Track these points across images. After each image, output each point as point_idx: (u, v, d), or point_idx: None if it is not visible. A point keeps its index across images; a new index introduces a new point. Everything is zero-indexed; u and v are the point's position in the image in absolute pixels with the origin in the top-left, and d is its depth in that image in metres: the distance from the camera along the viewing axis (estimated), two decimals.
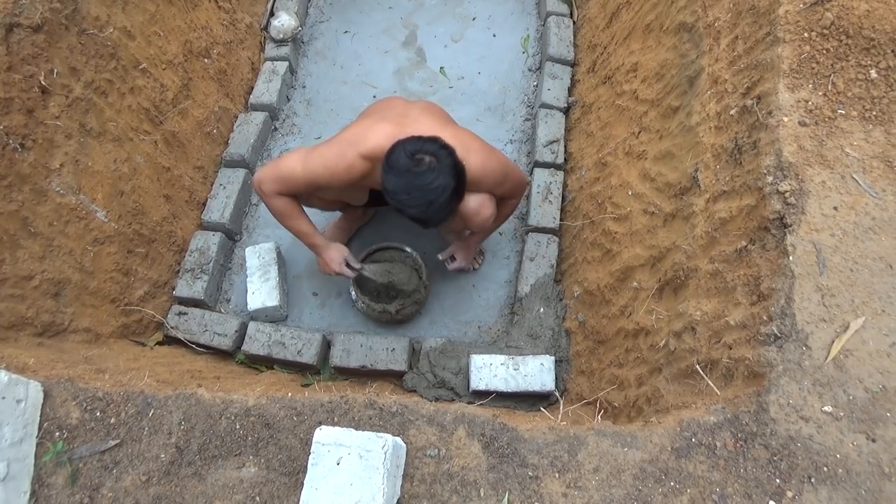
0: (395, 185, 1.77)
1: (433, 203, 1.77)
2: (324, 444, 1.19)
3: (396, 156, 1.78)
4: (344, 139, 1.97)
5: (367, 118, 2.10)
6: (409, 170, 1.75)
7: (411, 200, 1.77)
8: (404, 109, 2.13)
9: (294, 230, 2.19)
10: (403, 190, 1.76)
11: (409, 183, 1.75)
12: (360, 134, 1.96)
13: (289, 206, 2.10)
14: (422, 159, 1.76)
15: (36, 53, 1.81)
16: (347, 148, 1.93)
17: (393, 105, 2.20)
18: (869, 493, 1.15)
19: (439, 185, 1.76)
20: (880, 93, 1.47)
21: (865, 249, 1.33)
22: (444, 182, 1.76)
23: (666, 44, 2.16)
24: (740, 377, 1.34)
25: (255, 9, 3.11)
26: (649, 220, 1.99)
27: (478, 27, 3.30)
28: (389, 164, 1.78)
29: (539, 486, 1.25)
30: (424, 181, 1.74)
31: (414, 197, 1.76)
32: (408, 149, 1.77)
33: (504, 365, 2.23)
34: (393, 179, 1.77)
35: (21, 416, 1.29)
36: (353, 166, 1.93)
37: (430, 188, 1.75)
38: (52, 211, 1.93)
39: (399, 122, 1.99)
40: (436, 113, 2.19)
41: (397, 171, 1.76)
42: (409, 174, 1.75)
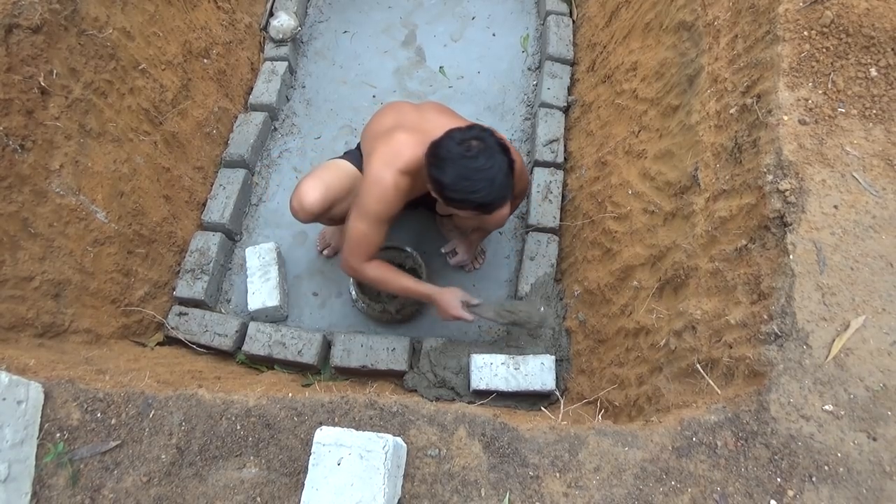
0: (454, 176, 1.76)
1: (495, 181, 1.77)
2: (324, 444, 1.19)
3: (445, 148, 1.78)
4: (376, 167, 1.94)
5: (383, 134, 2.05)
6: (462, 156, 1.75)
7: (474, 185, 1.76)
8: (417, 114, 2.13)
9: (399, 289, 2.19)
10: (463, 177, 1.76)
11: (466, 169, 1.75)
12: (388, 153, 1.95)
13: (382, 270, 2.12)
14: (471, 144, 1.77)
15: (35, 54, 1.81)
16: (384, 170, 1.92)
17: (403, 111, 2.18)
18: (870, 491, 1.15)
19: (495, 163, 1.77)
20: (880, 91, 1.47)
21: (866, 248, 1.33)
22: (498, 159, 1.78)
23: (665, 42, 2.16)
24: (741, 376, 1.34)
25: (255, 9, 3.11)
26: (649, 219, 1.99)
27: (477, 26, 3.30)
28: (440, 158, 1.78)
29: (540, 485, 1.25)
30: (480, 163, 1.75)
31: (476, 181, 1.76)
32: (455, 138, 1.79)
33: (504, 364, 2.23)
34: (449, 171, 1.77)
35: (22, 418, 1.29)
36: (399, 185, 1.93)
37: (488, 168, 1.76)
38: (52, 212, 1.92)
39: (420, 129, 1.99)
40: (447, 112, 2.21)
41: (451, 162, 1.76)
42: (464, 160, 1.75)
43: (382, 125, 2.13)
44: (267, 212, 2.80)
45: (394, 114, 2.18)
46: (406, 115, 2.14)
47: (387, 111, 2.24)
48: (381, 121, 2.17)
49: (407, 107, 2.22)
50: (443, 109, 2.22)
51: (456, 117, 2.18)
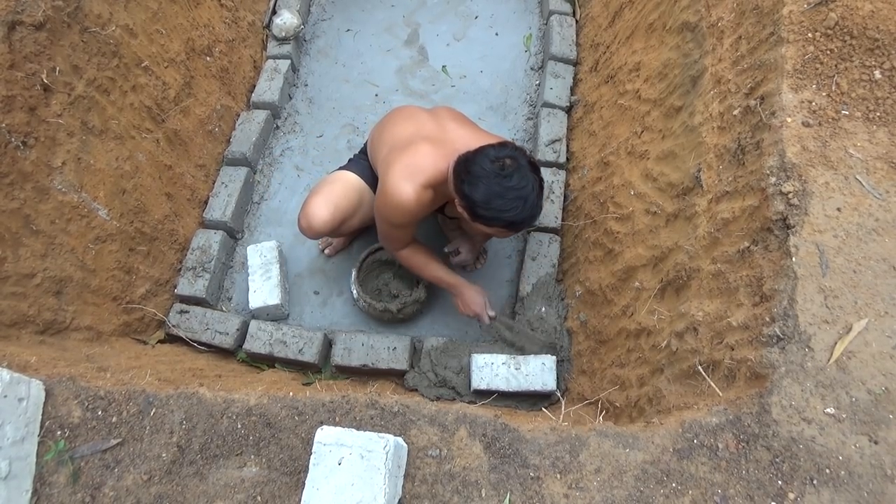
0: (487, 194, 1.77)
1: (527, 201, 1.79)
2: (325, 443, 1.19)
3: (479, 166, 1.78)
4: (396, 181, 1.92)
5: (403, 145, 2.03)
6: (496, 174, 1.76)
7: (507, 204, 1.77)
8: (435, 123, 2.11)
9: (431, 276, 2.27)
10: (497, 195, 1.77)
11: (501, 188, 1.76)
12: (411, 165, 1.93)
13: (415, 256, 2.23)
14: (504, 163, 1.78)
15: (38, 51, 1.81)
16: (406, 185, 1.91)
17: (420, 119, 2.14)
18: (871, 495, 1.15)
19: (528, 182, 1.79)
20: (884, 93, 1.47)
21: (868, 251, 1.33)
22: (530, 179, 1.80)
23: (669, 43, 2.15)
24: (742, 378, 1.34)
25: (258, 7, 3.11)
26: (651, 220, 1.99)
27: (480, 26, 3.30)
28: (474, 175, 1.78)
29: (541, 486, 1.25)
30: (514, 183, 1.77)
31: (509, 199, 1.77)
32: (489, 156, 1.79)
33: (505, 364, 2.23)
34: (482, 189, 1.77)
35: (23, 415, 1.29)
36: (421, 199, 1.94)
37: (521, 188, 1.77)
38: (54, 209, 1.92)
39: (441, 140, 1.98)
40: (464, 120, 2.20)
41: (485, 180, 1.77)
42: (497, 178, 1.76)
43: (400, 134, 2.09)
44: (269, 210, 2.80)
45: (411, 122, 2.14)
46: (424, 124, 2.10)
47: (402, 118, 2.19)
48: (398, 128, 2.13)
49: (423, 114, 2.18)
50: (459, 117, 2.20)
51: (473, 126, 2.17)
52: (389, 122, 2.20)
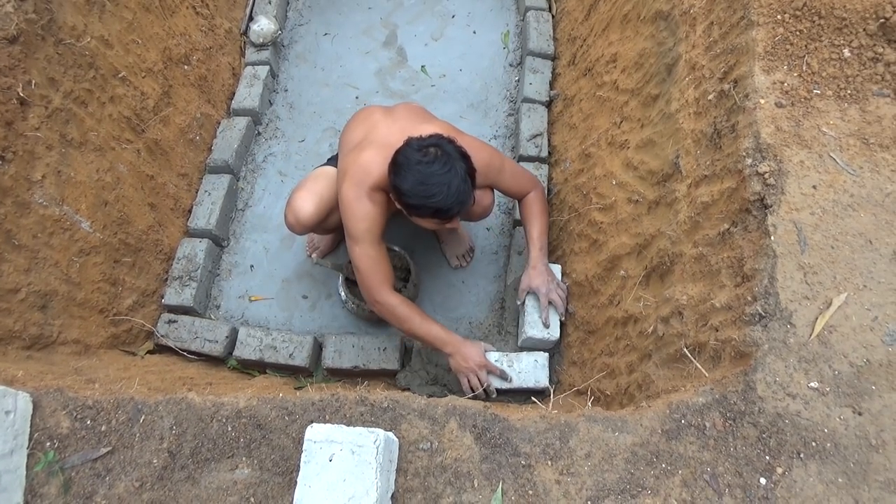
0: (411, 182, 1.78)
1: (451, 186, 1.78)
2: (315, 441, 1.19)
3: (403, 156, 1.81)
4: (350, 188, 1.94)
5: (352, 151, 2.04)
6: (419, 162, 1.77)
7: (430, 189, 1.78)
8: (387, 125, 2.10)
9: (420, 334, 2.08)
10: (419, 182, 1.77)
11: (422, 173, 1.77)
12: (358, 172, 1.95)
13: (408, 307, 2.05)
14: (427, 151, 1.79)
15: (13, 65, 1.80)
16: (357, 192, 1.93)
17: (374, 121, 2.14)
18: (857, 465, 1.16)
19: (451, 168, 1.79)
20: (854, 71, 1.49)
21: (845, 226, 1.35)
22: (456, 166, 1.80)
23: (643, 33, 2.17)
24: (727, 358, 1.35)
25: (234, 14, 3.11)
26: (634, 209, 2.00)
27: (457, 24, 3.31)
28: (399, 165, 1.80)
29: (532, 474, 1.26)
30: (436, 169, 1.77)
31: (432, 185, 1.77)
32: (413, 146, 1.81)
33: (498, 361, 2.22)
34: (406, 177, 1.78)
35: (11, 428, 1.28)
36: (374, 200, 1.95)
37: (444, 173, 1.77)
38: (36, 223, 1.91)
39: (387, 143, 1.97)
40: (420, 116, 2.19)
41: (407, 167, 1.78)
42: (420, 165, 1.77)
43: (353, 138, 2.12)
44: (253, 216, 2.80)
45: (364, 125, 2.14)
46: (377, 128, 2.10)
47: (358, 121, 2.20)
48: (353, 133, 2.15)
49: (378, 115, 2.17)
50: (416, 114, 2.19)
51: (428, 120, 2.15)
52: (348, 126, 2.23)
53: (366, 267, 2.00)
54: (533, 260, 2.25)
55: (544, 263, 2.27)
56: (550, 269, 2.30)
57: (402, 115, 2.16)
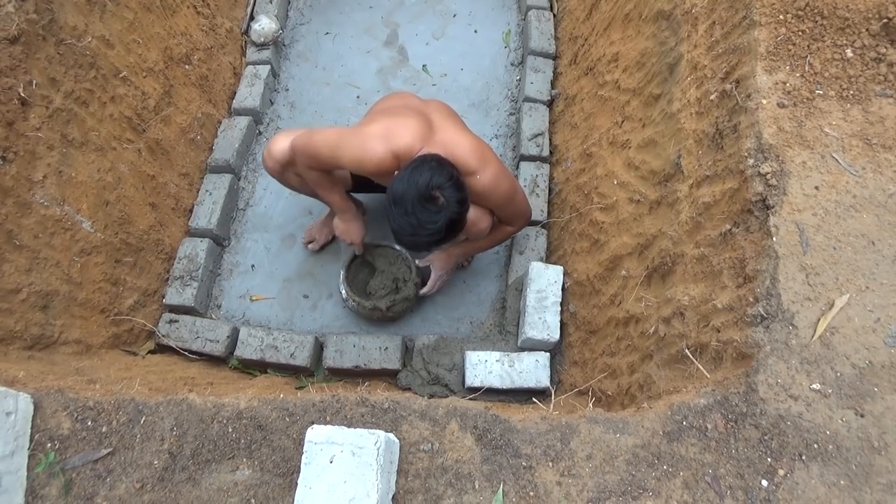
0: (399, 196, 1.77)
1: (417, 235, 1.81)
2: (316, 442, 1.19)
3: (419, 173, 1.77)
4: (374, 133, 1.93)
5: (391, 110, 2.06)
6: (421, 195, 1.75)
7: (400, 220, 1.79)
8: (425, 109, 2.12)
9: (327, 198, 2.25)
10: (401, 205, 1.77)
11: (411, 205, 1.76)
12: (392, 129, 1.93)
13: (324, 178, 2.14)
14: (434, 195, 1.77)
15: (14, 65, 1.80)
16: (379, 143, 1.90)
17: (409, 100, 2.18)
18: (859, 467, 1.16)
19: (434, 226, 1.79)
20: (857, 72, 1.48)
21: (847, 227, 1.34)
22: (439, 226, 1.80)
23: (645, 32, 2.16)
24: (729, 359, 1.35)
25: (235, 13, 3.11)
26: (635, 209, 2.00)
27: (459, 24, 3.30)
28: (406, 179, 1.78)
29: (533, 475, 1.25)
30: (423, 216, 1.77)
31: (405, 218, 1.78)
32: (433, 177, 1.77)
33: (499, 361, 2.23)
34: (401, 190, 1.77)
35: (11, 429, 1.28)
36: (384, 162, 1.91)
37: (424, 223, 1.78)
38: (37, 223, 1.91)
39: (427, 125, 1.97)
40: (453, 117, 2.21)
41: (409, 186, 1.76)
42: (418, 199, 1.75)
43: (391, 104, 2.15)
44: (255, 216, 2.80)
45: (403, 101, 2.19)
46: (414, 107, 2.12)
47: (395, 97, 2.25)
48: (389, 101, 2.19)
49: (415, 99, 2.23)
50: (449, 113, 2.21)
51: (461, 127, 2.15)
52: (382, 100, 2.27)
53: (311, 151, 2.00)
54: (456, 247, 2.38)
55: (456, 256, 2.44)
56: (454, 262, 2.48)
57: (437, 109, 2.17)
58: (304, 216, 2.73)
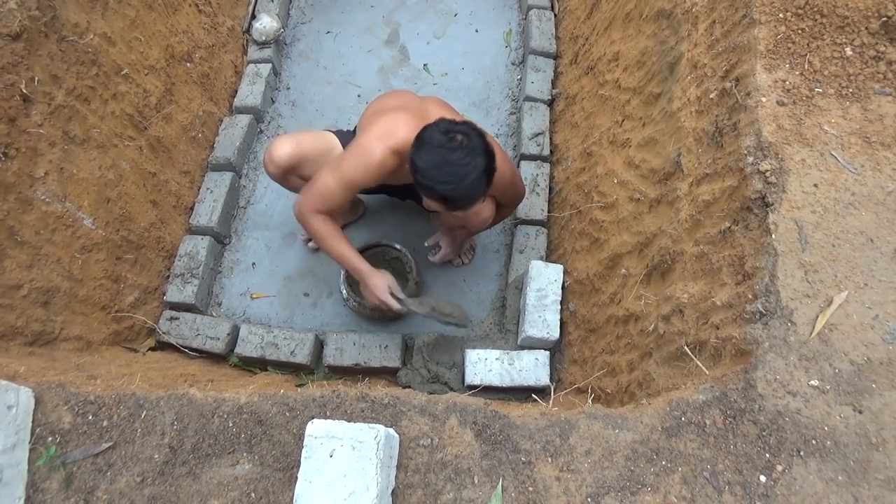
0: (427, 162, 1.75)
1: (465, 179, 1.75)
2: (316, 437, 1.19)
3: (429, 133, 1.78)
4: (370, 139, 1.93)
5: (383, 111, 2.06)
6: (441, 145, 1.74)
7: (442, 176, 1.74)
8: (419, 103, 2.15)
9: (334, 253, 2.09)
10: (435, 165, 1.74)
11: (441, 158, 1.73)
12: (386, 128, 1.93)
13: (329, 226, 2.04)
14: (454, 137, 1.76)
15: (16, 62, 1.81)
16: (376, 143, 1.91)
17: (403, 96, 2.20)
18: (857, 463, 1.16)
19: (471, 162, 1.75)
20: (856, 70, 1.49)
21: (846, 224, 1.35)
22: (477, 160, 1.76)
23: (646, 31, 2.17)
24: (728, 356, 1.36)
25: (237, 12, 3.11)
26: (635, 207, 2.00)
27: (460, 23, 3.31)
28: (421, 142, 1.78)
29: (532, 470, 1.26)
30: (457, 157, 1.74)
31: (445, 172, 1.74)
32: (441, 127, 1.77)
33: (499, 360, 2.23)
34: (425, 156, 1.76)
35: (13, 423, 1.29)
36: (385, 162, 1.92)
37: (462, 164, 1.74)
38: (39, 219, 1.92)
39: (421, 115, 1.98)
40: (450, 109, 2.22)
41: (429, 147, 1.75)
42: (441, 150, 1.74)
43: (384, 105, 2.15)
44: (255, 214, 2.80)
45: (397, 98, 2.20)
46: (409, 102, 2.15)
47: (390, 96, 2.26)
48: (384, 102, 2.19)
49: (409, 94, 2.25)
50: (445, 105, 2.23)
51: (457, 115, 2.18)
52: (378, 99, 2.27)
53: (320, 191, 1.97)
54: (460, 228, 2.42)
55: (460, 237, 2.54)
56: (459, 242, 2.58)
57: (433, 101, 2.19)
58: None
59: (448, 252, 2.59)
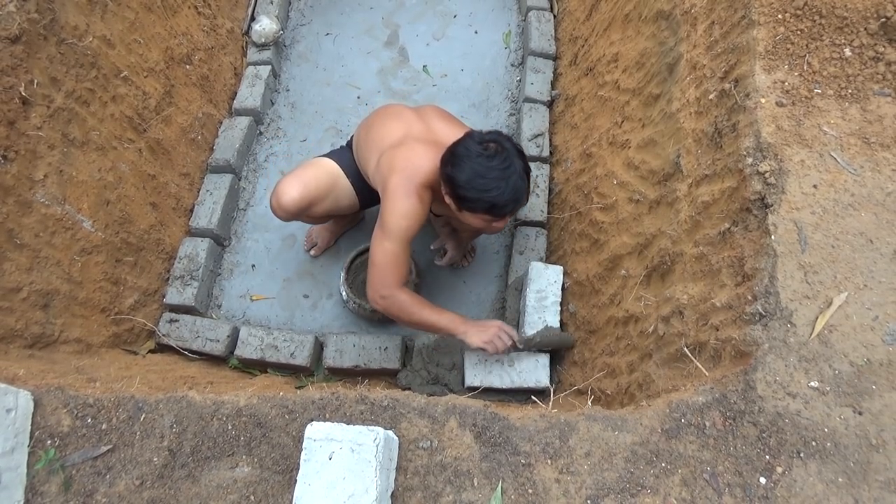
0: (469, 174, 1.77)
1: (509, 181, 1.78)
2: (315, 439, 1.19)
3: (464, 147, 1.81)
4: (397, 183, 1.90)
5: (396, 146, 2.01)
6: (479, 154, 1.78)
7: (488, 184, 1.77)
8: (423, 124, 2.11)
9: (431, 322, 1.99)
10: (478, 175, 1.77)
11: (483, 167, 1.77)
12: (407, 168, 1.92)
13: (417, 299, 1.99)
14: (488, 145, 1.80)
15: (15, 64, 1.81)
16: (409, 187, 1.90)
17: (407, 119, 2.13)
18: (857, 464, 1.16)
19: (510, 165, 1.79)
20: (855, 71, 1.49)
21: (846, 225, 1.35)
22: (515, 162, 1.81)
23: (645, 32, 2.17)
24: (727, 357, 1.35)
25: (236, 13, 3.11)
26: (635, 208, 2.00)
27: (459, 24, 3.31)
28: (458, 156, 1.80)
29: (532, 472, 1.26)
30: (496, 163, 1.78)
31: (490, 180, 1.77)
32: (475, 138, 1.82)
33: (499, 361, 2.23)
34: (465, 169, 1.78)
35: (11, 426, 1.28)
36: (423, 199, 1.93)
37: (503, 168, 1.78)
38: (38, 222, 1.92)
39: (432, 140, 1.99)
40: (450, 118, 2.22)
41: (467, 159, 1.78)
42: (480, 159, 1.77)
43: (389, 136, 2.06)
44: (255, 216, 2.80)
45: (399, 122, 2.12)
46: (413, 125, 2.10)
47: (389, 117, 2.16)
48: (386, 129, 2.10)
49: (409, 113, 2.17)
50: (445, 116, 2.21)
51: (459, 123, 2.19)
52: (377, 122, 2.17)
53: (387, 263, 1.93)
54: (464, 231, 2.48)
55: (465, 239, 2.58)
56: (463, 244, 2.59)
57: (433, 115, 2.17)
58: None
59: (454, 255, 2.60)
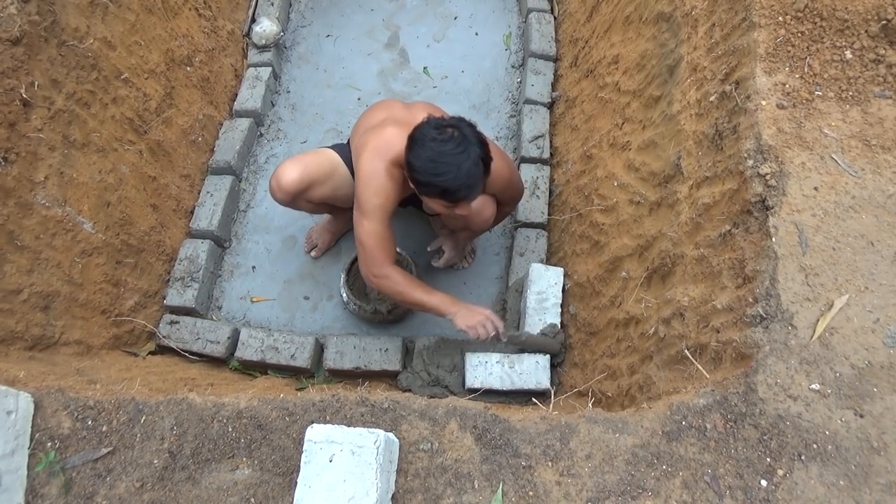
0: (422, 157, 1.76)
1: (461, 168, 1.74)
2: (316, 441, 1.19)
3: (421, 131, 1.79)
4: (366, 160, 1.94)
5: (373, 128, 2.05)
6: (433, 139, 1.75)
7: (438, 168, 1.74)
8: (407, 111, 2.15)
9: (423, 301, 2.05)
10: (430, 159, 1.75)
11: (435, 151, 1.74)
12: (379, 145, 1.94)
13: (408, 277, 2.04)
14: (445, 130, 1.77)
15: (16, 66, 1.81)
16: (376, 163, 1.92)
17: (393, 108, 2.19)
18: (858, 467, 1.16)
19: (465, 150, 1.75)
20: (856, 73, 1.49)
21: (847, 228, 1.35)
22: (471, 150, 1.77)
23: (645, 34, 2.17)
24: (728, 359, 1.35)
25: (237, 15, 3.11)
26: (635, 210, 2.00)
27: (460, 26, 3.31)
28: (414, 140, 1.79)
29: (532, 475, 1.25)
30: (449, 148, 1.74)
31: (441, 164, 1.74)
32: (431, 123, 1.79)
33: (500, 363, 2.22)
34: (419, 153, 1.77)
35: (12, 428, 1.28)
36: (392, 175, 1.94)
37: (457, 153, 1.74)
38: (39, 224, 1.92)
39: (409, 123, 1.97)
40: (437, 110, 2.22)
41: (421, 143, 1.77)
42: (434, 143, 1.75)
43: (372, 120, 2.14)
44: (255, 217, 2.80)
45: (384, 110, 2.19)
46: (396, 111, 2.15)
47: (377, 108, 2.25)
48: (372, 116, 2.18)
49: (397, 104, 2.24)
50: (433, 108, 2.24)
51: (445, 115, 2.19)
52: (366, 113, 2.26)
53: (372, 243, 1.97)
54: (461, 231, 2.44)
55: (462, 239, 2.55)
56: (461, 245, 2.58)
57: (421, 107, 2.19)
58: (305, 218, 2.73)
59: (451, 256, 2.59)
